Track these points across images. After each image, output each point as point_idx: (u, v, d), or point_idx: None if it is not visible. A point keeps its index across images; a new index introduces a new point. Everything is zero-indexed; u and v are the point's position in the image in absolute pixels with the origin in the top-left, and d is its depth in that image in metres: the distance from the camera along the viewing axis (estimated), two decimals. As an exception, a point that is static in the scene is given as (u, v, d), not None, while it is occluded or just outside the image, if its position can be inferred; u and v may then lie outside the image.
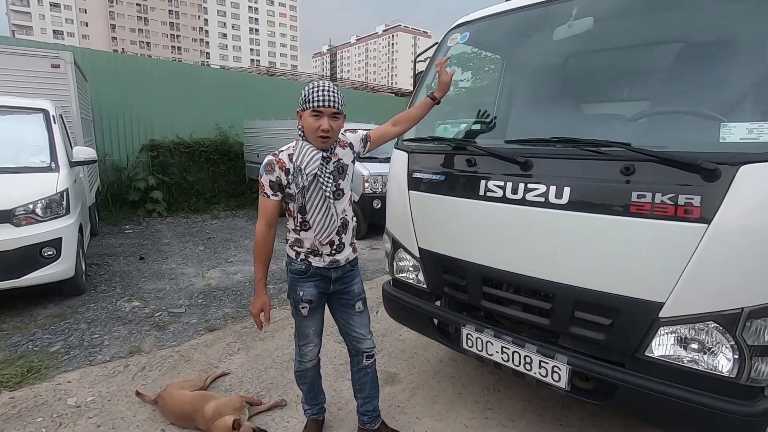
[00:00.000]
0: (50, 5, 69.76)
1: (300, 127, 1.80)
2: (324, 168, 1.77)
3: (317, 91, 1.70)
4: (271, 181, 1.76)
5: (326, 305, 2.04)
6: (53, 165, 3.78)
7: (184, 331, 3.38)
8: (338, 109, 1.72)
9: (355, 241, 2.03)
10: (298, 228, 1.86)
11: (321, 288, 1.92)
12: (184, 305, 3.90)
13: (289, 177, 1.75)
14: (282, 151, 1.80)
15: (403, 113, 2.12)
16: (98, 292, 4.12)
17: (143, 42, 78.28)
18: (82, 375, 2.73)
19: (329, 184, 1.78)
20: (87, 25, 73.42)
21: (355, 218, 2.00)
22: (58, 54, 5.18)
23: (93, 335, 3.26)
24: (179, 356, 3.00)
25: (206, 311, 3.78)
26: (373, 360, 2.08)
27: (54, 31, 68.74)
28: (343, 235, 1.88)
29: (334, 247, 1.87)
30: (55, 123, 3.97)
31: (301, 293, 1.89)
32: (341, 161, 1.85)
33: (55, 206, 3.59)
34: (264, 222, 1.83)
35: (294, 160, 1.75)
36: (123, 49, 67.66)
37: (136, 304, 3.89)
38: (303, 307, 1.91)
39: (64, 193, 3.67)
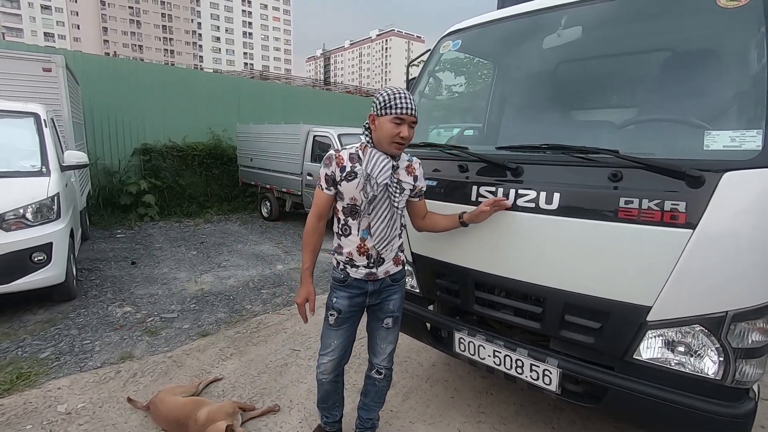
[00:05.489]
0: (41, 8, 69.12)
1: (367, 129, 1.77)
2: (393, 177, 1.76)
3: (401, 98, 1.66)
4: (327, 174, 1.76)
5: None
6: (44, 169, 3.76)
7: (177, 337, 3.36)
8: (417, 118, 1.72)
9: (401, 254, 1.95)
10: (339, 232, 1.85)
11: (355, 303, 1.87)
12: (177, 310, 3.88)
13: (344, 174, 1.74)
14: (345, 148, 1.80)
15: (433, 218, 2.00)
16: (89, 298, 4.08)
17: (135, 45, 77.78)
18: (72, 381, 2.70)
19: (398, 193, 1.77)
20: (78, 28, 72.84)
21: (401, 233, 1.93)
22: (49, 57, 5.15)
23: (84, 341, 3.24)
24: (171, 362, 2.98)
25: (199, 316, 3.76)
26: (382, 377, 2.04)
27: (45, 34, 68.09)
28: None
29: (372, 260, 1.83)
30: (46, 127, 3.94)
31: (334, 299, 1.89)
32: (402, 182, 1.81)
33: (45, 211, 3.56)
34: (315, 213, 1.85)
35: (364, 166, 1.72)
36: (115, 52, 67.18)
37: (127, 309, 3.86)
38: (331, 314, 1.90)
39: (55, 197, 3.65)
